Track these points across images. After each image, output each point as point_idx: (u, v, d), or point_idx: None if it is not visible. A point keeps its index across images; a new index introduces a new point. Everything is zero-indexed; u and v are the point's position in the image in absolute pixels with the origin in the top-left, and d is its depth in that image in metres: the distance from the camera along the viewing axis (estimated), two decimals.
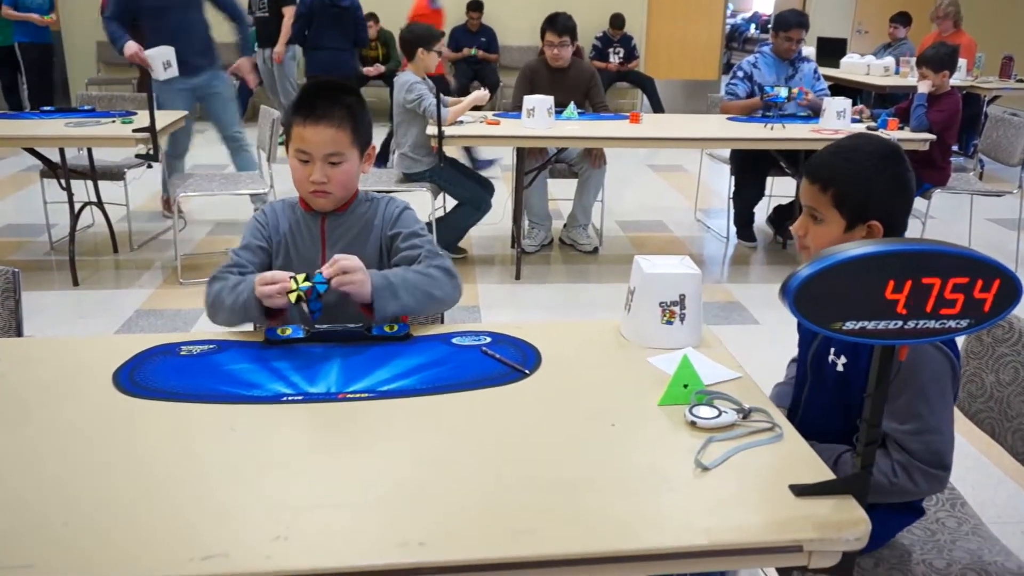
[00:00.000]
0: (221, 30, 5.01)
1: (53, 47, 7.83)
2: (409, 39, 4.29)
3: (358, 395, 1.47)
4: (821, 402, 1.62)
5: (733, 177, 4.96)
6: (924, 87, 4.51)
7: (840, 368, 1.55)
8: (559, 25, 4.51)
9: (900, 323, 1.07)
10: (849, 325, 1.07)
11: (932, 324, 1.08)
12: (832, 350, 1.56)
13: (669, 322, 1.66)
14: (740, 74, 4.77)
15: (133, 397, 1.45)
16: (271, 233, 1.88)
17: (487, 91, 4.58)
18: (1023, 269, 3.71)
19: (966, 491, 1.79)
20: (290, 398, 1.45)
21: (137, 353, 1.61)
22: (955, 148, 7.41)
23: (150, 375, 1.53)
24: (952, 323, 1.08)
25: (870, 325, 1.07)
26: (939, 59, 4.51)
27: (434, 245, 1.88)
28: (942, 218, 5.12)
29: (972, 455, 2.57)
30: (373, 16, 8.24)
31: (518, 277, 4.33)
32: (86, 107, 4.49)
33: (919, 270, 1.05)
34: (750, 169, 4.82)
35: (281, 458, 1.28)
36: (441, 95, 4.00)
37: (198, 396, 1.46)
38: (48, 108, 4.50)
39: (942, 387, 1.45)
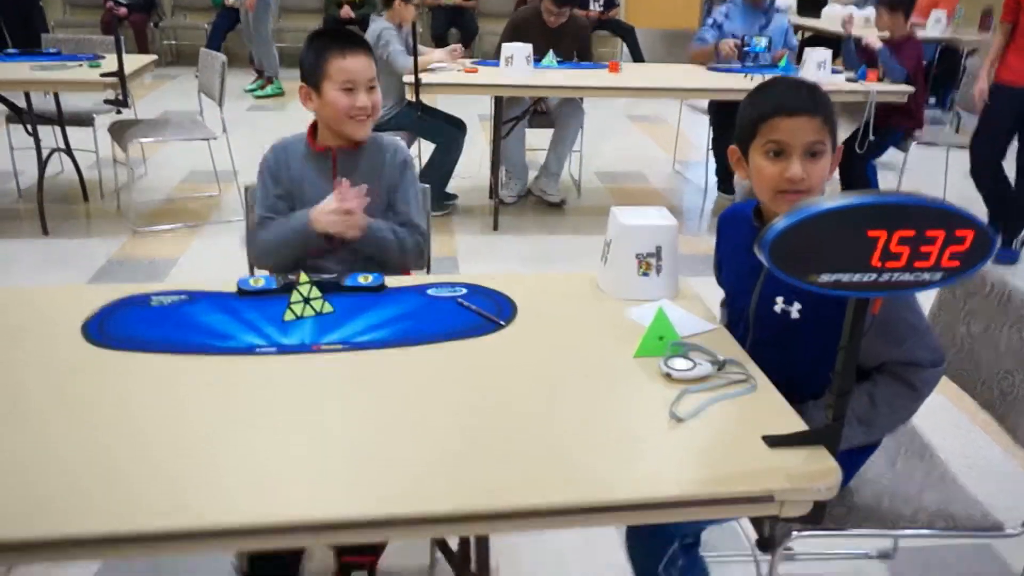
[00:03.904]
0: None
1: None
2: None
3: (332, 347, 1.46)
4: (768, 353, 1.52)
5: (712, 128, 4.94)
6: (874, 40, 4.52)
7: (795, 315, 1.52)
8: None
9: (875, 276, 1.07)
10: (824, 278, 1.07)
11: (907, 276, 1.08)
12: (780, 299, 1.53)
13: (645, 274, 1.65)
14: (710, 22, 4.73)
15: (103, 348, 1.43)
16: (281, 176, 2.00)
17: (460, 47, 4.47)
18: None
19: (934, 441, 1.81)
20: (263, 349, 1.44)
21: (107, 304, 1.59)
22: (932, 101, 7.44)
23: (120, 326, 1.50)
24: (927, 275, 1.08)
25: (845, 278, 1.07)
26: (894, 0, 4.46)
27: (419, 218, 2.07)
28: (918, 171, 5.14)
29: (942, 405, 2.61)
30: None
31: (496, 228, 4.31)
32: (52, 50, 4.36)
33: (895, 222, 1.04)
34: (729, 120, 4.78)
35: (254, 410, 1.27)
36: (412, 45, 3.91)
37: (169, 347, 1.44)
38: (12, 51, 4.36)
39: (914, 305, 1.49)
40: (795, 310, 1.52)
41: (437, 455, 1.17)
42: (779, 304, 1.53)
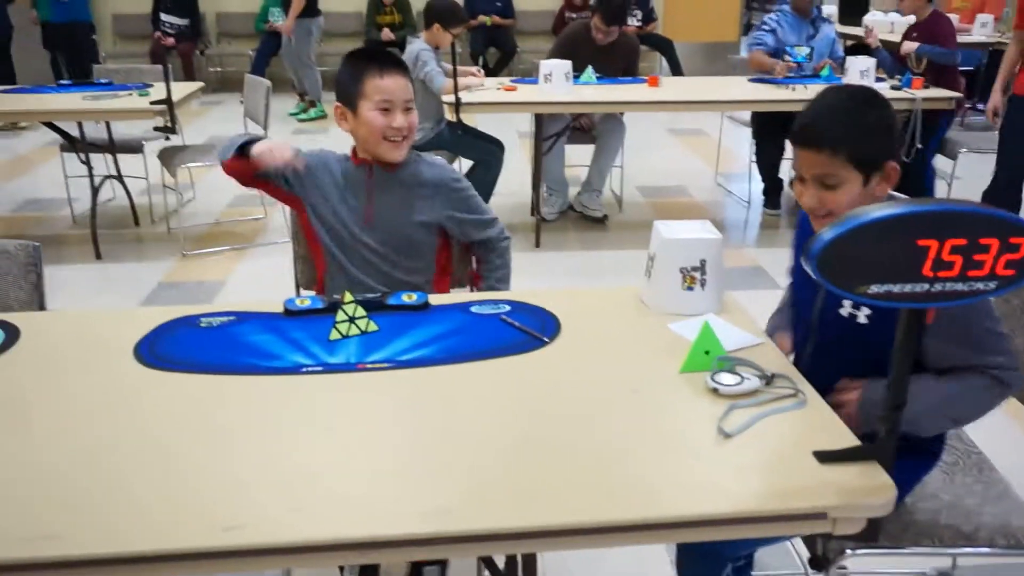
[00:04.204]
0: None
1: (90, 25, 7.31)
2: (432, 9, 4.23)
3: (377, 365, 1.46)
4: (834, 359, 1.54)
5: (755, 140, 4.89)
6: (873, 39, 4.58)
7: (863, 320, 1.50)
8: (608, 15, 4.37)
9: (927, 286, 1.05)
10: (874, 289, 1.04)
11: (960, 286, 1.05)
12: (848, 303, 1.52)
13: (690, 288, 1.64)
14: (766, 27, 4.66)
15: (153, 369, 1.46)
16: (316, 171, 2.01)
17: (482, 77, 4.48)
18: None
19: (993, 456, 1.76)
20: (309, 369, 1.45)
21: (157, 325, 1.62)
22: (980, 107, 7.28)
23: (170, 347, 1.53)
24: (980, 285, 1.06)
25: (896, 288, 1.05)
26: None
27: (491, 228, 2.13)
28: (968, 178, 5.02)
29: (1000, 420, 2.54)
30: None
31: (538, 245, 4.31)
32: (103, 80, 4.49)
33: (945, 231, 1.02)
34: (771, 131, 4.75)
35: (300, 428, 1.29)
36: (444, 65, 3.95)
37: (217, 368, 1.46)
38: (65, 82, 4.50)
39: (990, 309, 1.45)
40: (863, 315, 1.50)
41: (483, 473, 1.17)
42: (846, 308, 1.51)
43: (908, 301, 1.06)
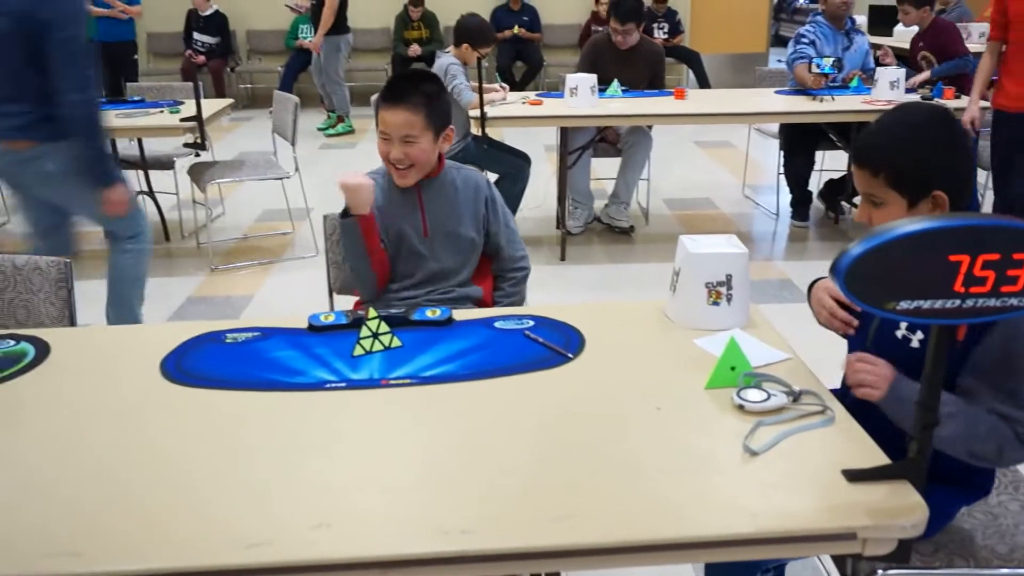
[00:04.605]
0: None
1: (134, 43, 7.35)
2: (464, 29, 4.25)
3: (401, 381, 1.46)
4: None
5: (783, 152, 4.85)
6: (891, 60, 4.63)
7: (915, 344, 1.46)
8: (621, 12, 4.37)
9: (958, 302, 1.03)
10: (904, 305, 1.03)
11: (992, 302, 1.03)
12: (904, 325, 1.48)
13: (715, 303, 1.62)
14: (805, 40, 4.56)
15: (180, 385, 1.47)
16: (377, 191, 2.04)
17: (505, 93, 4.48)
18: None
19: None
20: (333, 385, 1.46)
21: (184, 341, 1.63)
22: None
23: (196, 363, 1.54)
24: (1014, 300, 1.04)
25: (926, 305, 1.03)
26: None
27: (518, 248, 2.23)
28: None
29: None
30: None
31: (563, 258, 4.30)
32: (135, 98, 4.56)
33: (977, 246, 1.00)
34: (799, 143, 4.70)
35: (324, 445, 1.29)
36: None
37: (242, 384, 1.46)
38: (99, 100, 4.57)
39: None
40: (916, 339, 1.45)
41: (505, 491, 1.16)
42: (901, 330, 1.47)
43: (939, 317, 1.04)
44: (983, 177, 4.52)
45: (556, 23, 9.08)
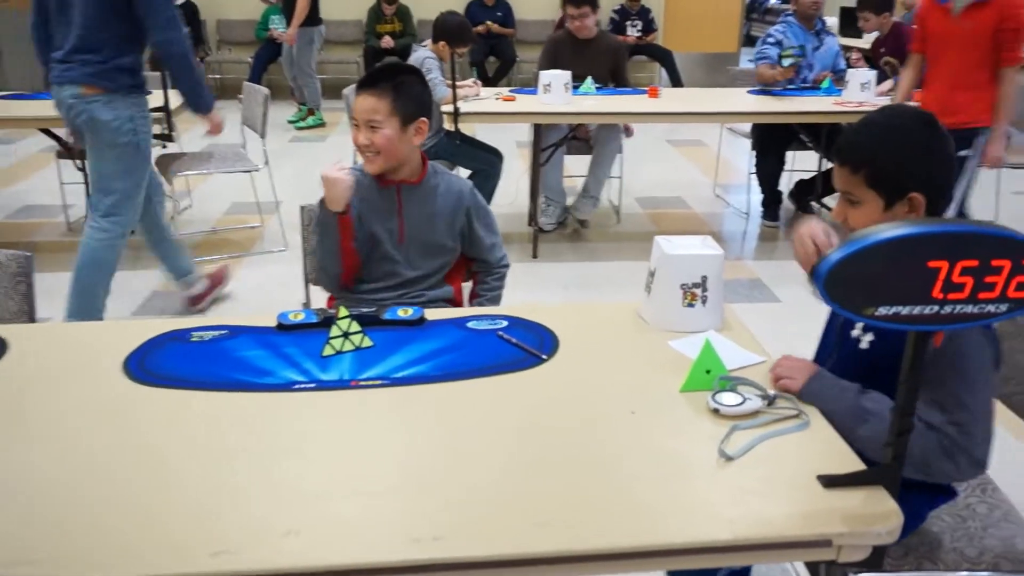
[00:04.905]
0: None
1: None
2: (443, 27, 4.21)
3: (371, 382, 1.43)
4: (844, 378, 1.49)
5: (755, 151, 4.87)
6: (863, 66, 4.72)
7: (864, 346, 1.47)
8: None
9: (936, 308, 1.02)
10: (882, 310, 1.02)
11: (970, 308, 1.03)
12: (859, 325, 1.49)
13: (691, 305, 1.61)
14: (771, 40, 4.60)
15: (143, 385, 1.43)
16: (358, 188, 2.01)
17: (478, 88, 4.46)
18: None
19: (996, 475, 1.73)
20: (302, 386, 1.42)
21: (148, 339, 1.59)
22: None
23: (160, 362, 1.50)
24: (991, 307, 1.03)
25: (904, 310, 1.02)
26: (878, 1, 4.85)
27: (498, 251, 2.21)
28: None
29: (1002, 437, 2.50)
30: None
31: (535, 255, 4.29)
32: None
33: (957, 251, 0.99)
34: (771, 143, 4.73)
35: (293, 448, 1.25)
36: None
37: (209, 384, 1.43)
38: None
39: (988, 375, 1.38)
40: (866, 340, 1.46)
41: (477, 496, 1.14)
42: (856, 330, 1.49)
43: (916, 324, 1.04)
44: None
45: (530, 19, 9.06)
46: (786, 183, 5.00)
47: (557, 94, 4.10)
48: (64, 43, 2.90)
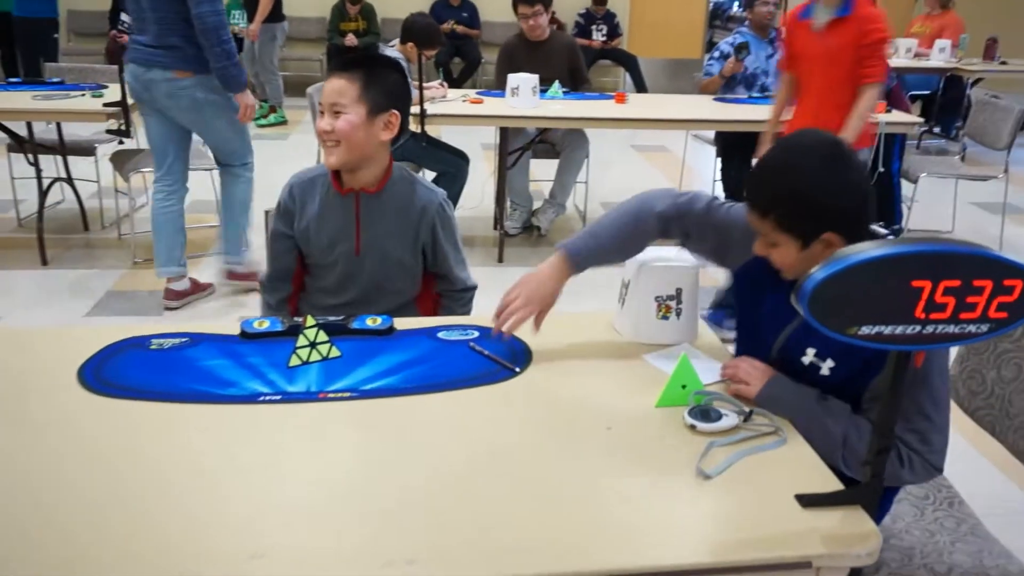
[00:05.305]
0: None
1: (55, 21, 6.79)
2: (412, 29, 4.16)
3: (340, 395, 1.39)
4: None
5: (719, 158, 4.90)
6: None
7: (825, 372, 1.42)
8: None
9: (918, 328, 1.01)
10: (865, 330, 1.01)
11: (952, 328, 1.02)
12: (811, 352, 1.43)
13: (665, 317, 1.59)
14: (717, 54, 4.72)
15: (99, 396, 1.37)
16: (298, 219, 1.92)
17: (445, 90, 4.42)
18: (1007, 254, 3.67)
19: (962, 489, 1.74)
20: (268, 398, 1.37)
21: (104, 347, 1.52)
22: (936, 130, 7.44)
23: (118, 371, 1.44)
24: (972, 327, 1.03)
25: (887, 330, 1.01)
26: None
27: (464, 271, 2.04)
28: (926, 202, 5.09)
29: (966, 451, 2.54)
30: None
31: (501, 260, 4.25)
32: (55, 79, 4.33)
33: (940, 271, 0.99)
34: (736, 150, 4.76)
35: (258, 464, 1.21)
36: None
37: (169, 395, 1.37)
38: (15, 80, 4.33)
39: (945, 380, 1.39)
40: (826, 367, 1.42)
41: (449, 517, 1.10)
42: (809, 356, 1.43)
43: (899, 344, 1.03)
44: (909, 190, 4.66)
45: (495, 20, 9.02)
46: None
47: (525, 97, 4.08)
48: (145, 29, 3.32)
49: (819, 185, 1.32)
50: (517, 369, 1.49)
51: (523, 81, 4.08)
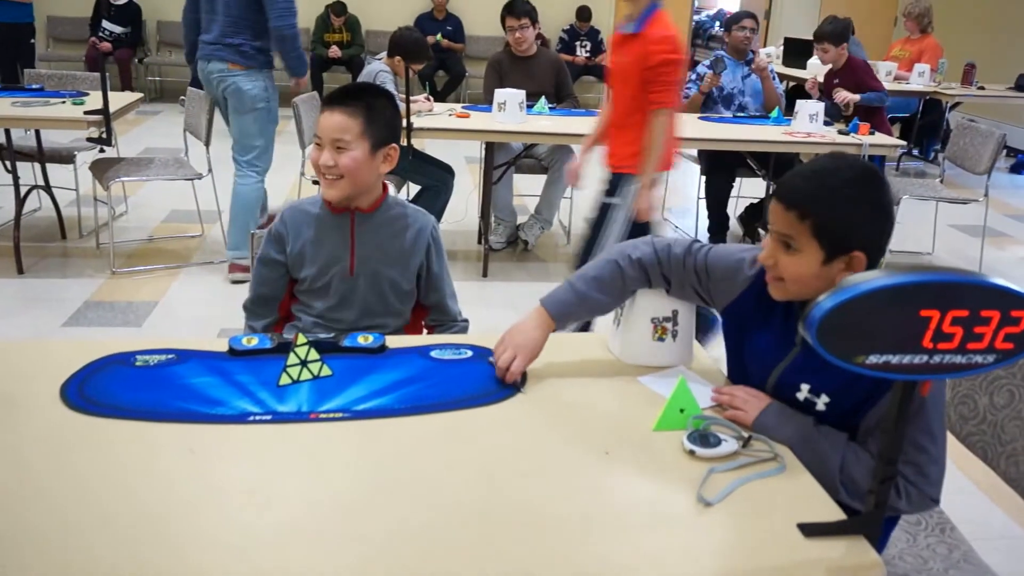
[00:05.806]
0: None
1: (32, 26, 6.75)
2: (399, 42, 4.15)
3: (332, 415, 1.36)
4: None
5: (703, 176, 4.92)
6: (848, 95, 4.84)
7: (821, 407, 1.41)
8: (517, 8, 4.45)
9: (926, 357, 1.00)
10: (872, 359, 1.00)
11: (959, 359, 1.01)
12: (806, 387, 1.41)
13: (660, 339, 1.58)
14: (694, 76, 4.81)
15: (83, 414, 1.33)
16: (291, 243, 1.89)
17: (431, 104, 4.41)
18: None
19: (955, 515, 1.74)
20: (257, 418, 1.34)
21: (88, 363, 1.48)
22: (915, 152, 7.52)
23: (102, 389, 1.40)
24: (979, 358, 1.02)
25: (895, 359, 1.00)
26: (838, 33, 4.92)
27: (454, 302, 2.02)
28: (906, 223, 5.14)
29: (958, 478, 2.54)
30: (341, 4, 8.10)
31: (485, 274, 4.23)
32: (34, 86, 4.26)
33: (949, 301, 0.98)
34: (719, 167, 4.80)
35: (247, 487, 1.17)
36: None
37: (155, 414, 1.33)
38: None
39: (941, 412, 1.39)
40: (822, 402, 1.40)
41: (446, 543, 1.08)
42: (803, 392, 1.41)
43: (906, 373, 1.02)
44: None
45: (480, 35, 9.04)
46: (733, 209, 5.05)
47: (512, 113, 4.07)
48: (212, 28, 3.77)
49: (868, 202, 1.33)
50: (520, 389, 1.47)
51: (510, 97, 4.07)
